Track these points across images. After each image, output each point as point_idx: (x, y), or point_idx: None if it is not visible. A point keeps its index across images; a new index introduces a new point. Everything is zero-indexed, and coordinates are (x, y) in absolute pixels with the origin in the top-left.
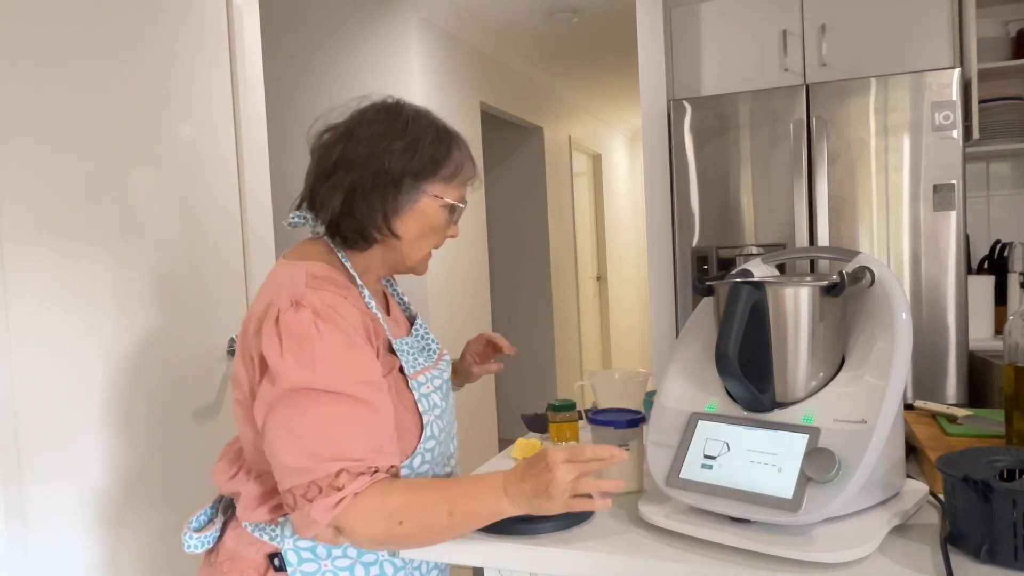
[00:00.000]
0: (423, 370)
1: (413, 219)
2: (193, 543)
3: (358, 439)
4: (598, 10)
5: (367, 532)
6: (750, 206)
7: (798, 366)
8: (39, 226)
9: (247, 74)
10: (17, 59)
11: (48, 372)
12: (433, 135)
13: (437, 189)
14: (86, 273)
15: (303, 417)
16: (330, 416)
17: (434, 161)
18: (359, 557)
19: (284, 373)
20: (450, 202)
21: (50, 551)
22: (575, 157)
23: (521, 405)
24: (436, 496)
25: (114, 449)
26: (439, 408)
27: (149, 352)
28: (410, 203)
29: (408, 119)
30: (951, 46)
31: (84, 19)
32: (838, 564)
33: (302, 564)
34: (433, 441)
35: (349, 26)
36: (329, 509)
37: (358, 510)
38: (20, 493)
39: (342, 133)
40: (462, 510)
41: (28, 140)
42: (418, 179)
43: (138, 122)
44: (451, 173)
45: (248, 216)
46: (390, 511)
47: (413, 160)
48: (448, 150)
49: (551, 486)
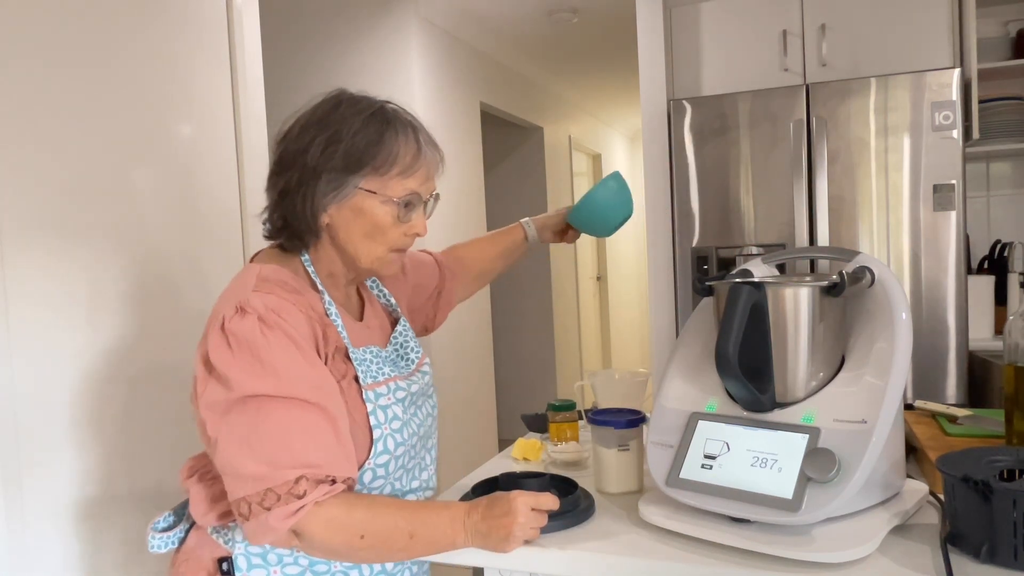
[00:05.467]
0: (387, 380)
1: (350, 216)
2: (156, 543)
3: (315, 446)
4: (598, 10)
5: (325, 542)
6: (750, 206)
7: (798, 366)
8: (39, 226)
9: (247, 74)
10: (17, 59)
11: (48, 372)
12: (359, 125)
13: (370, 183)
14: (86, 273)
15: (258, 424)
16: (285, 423)
17: (359, 152)
18: (310, 566)
19: (236, 381)
20: (391, 196)
21: (50, 550)
22: (575, 157)
23: (521, 405)
24: (400, 518)
25: (114, 449)
26: (399, 421)
27: (149, 351)
28: (339, 199)
29: (335, 107)
30: (951, 46)
31: (84, 19)
32: (838, 564)
33: (251, 570)
34: (387, 456)
35: (349, 26)
36: (287, 517)
37: (319, 519)
38: (20, 493)
39: (282, 135)
40: (422, 535)
41: (28, 140)
42: (342, 173)
43: (138, 122)
44: (385, 163)
45: (248, 216)
46: (353, 525)
47: (335, 154)
48: (379, 140)
49: (512, 531)
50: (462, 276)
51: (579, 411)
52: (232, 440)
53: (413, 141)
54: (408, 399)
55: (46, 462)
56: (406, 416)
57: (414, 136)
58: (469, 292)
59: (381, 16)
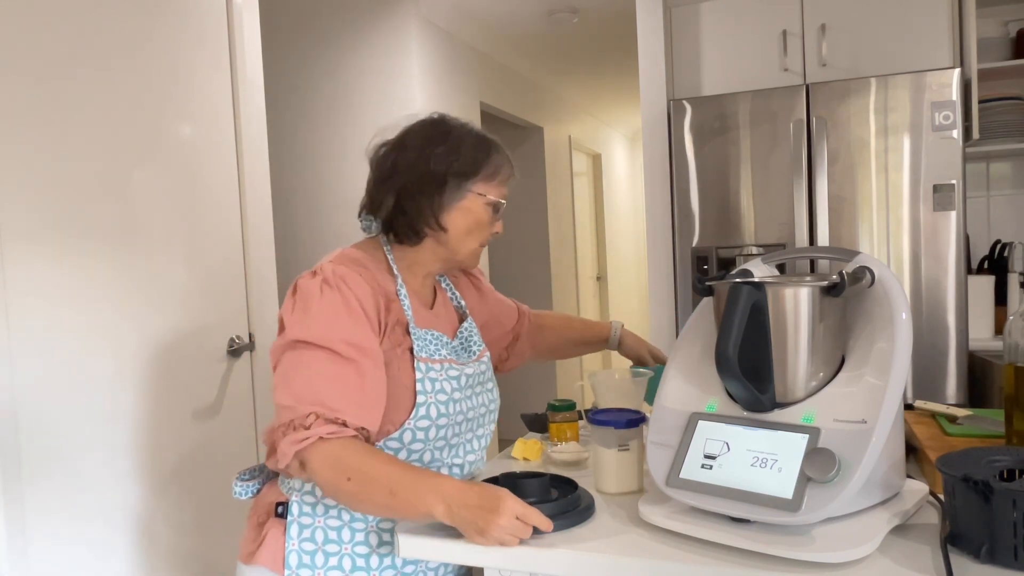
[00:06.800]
0: (442, 360)
1: (460, 215)
2: (238, 489)
3: (335, 392)
4: (598, 10)
5: (319, 474)
6: (750, 206)
7: (798, 366)
8: (39, 226)
9: (247, 74)
10: (18, 60)
11: (48, 372)
12: (473, 140)
13: (480, 187)
14: (86, 273)
15: (297, 365)
16: (316, 367)
17: (475, 162)
18: (350, 521)
19: (289, 327)
20: (493, 199)
21: (50, 550)
22: (575, 157)
23: (521, 405)
24: (388, 473)
25: (114, 449)
26: (444, 395)
27: (149, 352)
28: (455, 200)
29: (450, 127)
30: (951, 46)
31: (84, 20)
32: (838, 564)
33: (301, 516)
34: (427, 422)
35: (349, 26)
36: (294, 443)
37: (318, 452)
38: (20, 493)
39: (394, 144)
40: (402, 496)
41: (28, 140)
42: (461, 178)
43: (138, 122)
44: (491, 173)
45: (248, 216)
46: (343, 466)
47: (456, 162)
48: (488, 153)
49: (491, 527)
50: (537, 338)
51: (579, 411)
52: (279, 378)
53: (506, 158)
54: (462, 379)
55: (46, 462)
56: (456, 395)
57: (506, 154)
58: (539, 358)
59: (381, 16)
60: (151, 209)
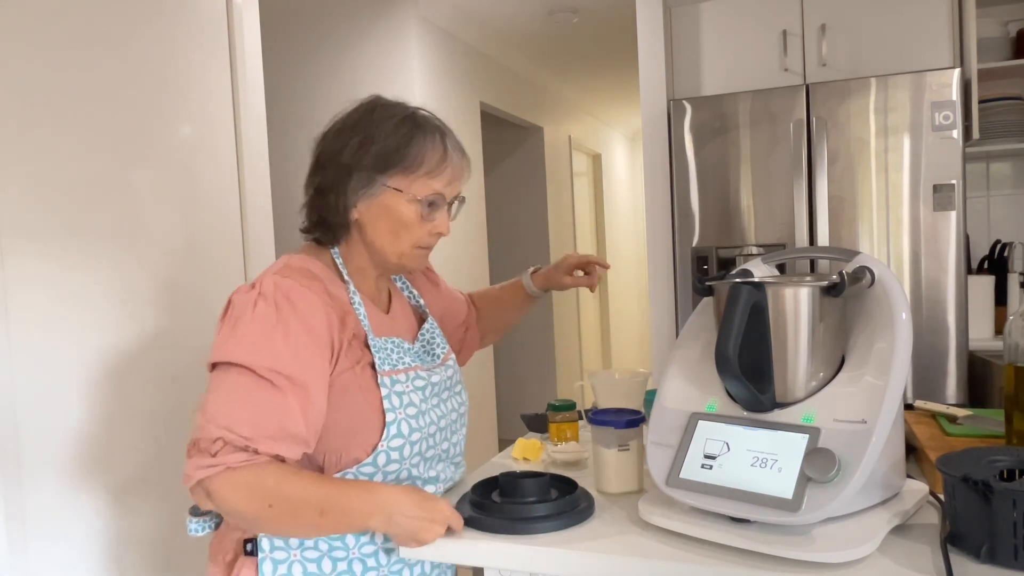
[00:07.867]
0: (406, 369)
1: (378, 213)
2: (193, 527)
3: (248, 416)
4: (598, 10)
5: (232, 505)
6: (750, 206)
7: (798, 366)
8: (39, 226)
9: (247, 74)
10: (17, 60)
11: (48, 371)
12: (390, 128)
13: (398, 182)
14: (86, 273)
15: (217, 384)
16: (233, 388)
17: (389, 153)
18: (329, 552)
19: (215, 345)
20: (416, 196)
21: (50, 550)
22: (575, 157)
23: (521, 405)
24: (315, 492)
25: (113, 448)
26: (414, 408)
27: (149, 351)
28: (369, 196)
29: (368, 114)
30: (951, 46)
31: (84, 19)
32: (838, 564)
33: (273, 551)
34: (401, 440)
35: (349, 26)
36: (198, 469)
37: (228, 482)
38: (20, 492)
39: (320, 136)
40: (333, 516)
41: (28, 140)
42: (372, 172)
43: (138, 122)
44: (412, 165)
45: (248, 216)
46: (261, 493)
47: (367, 153)
48: (408, 142)
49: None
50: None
51: (579, 411)
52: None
53: (440, 145)
54: (429, 389)
55: (46, 462)
56: (424, 405)
57: (441, 140)
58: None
59: (381, 16)
60: (151, 209)
